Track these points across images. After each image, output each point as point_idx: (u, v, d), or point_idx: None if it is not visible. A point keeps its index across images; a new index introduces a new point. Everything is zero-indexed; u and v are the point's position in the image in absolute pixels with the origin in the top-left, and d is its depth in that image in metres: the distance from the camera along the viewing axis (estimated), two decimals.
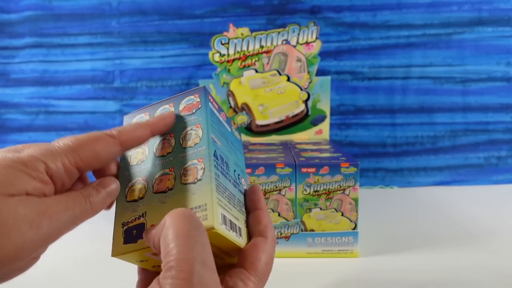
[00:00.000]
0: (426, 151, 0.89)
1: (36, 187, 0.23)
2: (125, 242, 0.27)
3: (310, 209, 0.52)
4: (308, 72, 0.77)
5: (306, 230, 0.53)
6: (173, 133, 0.31)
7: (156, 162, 0.30)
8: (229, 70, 0.77)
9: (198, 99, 0.32)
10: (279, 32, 0.76)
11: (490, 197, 0.79)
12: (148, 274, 0.30)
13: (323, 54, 0.81)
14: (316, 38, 0.76)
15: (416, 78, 0.88)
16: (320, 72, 0.80)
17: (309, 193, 0.52)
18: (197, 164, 0.28)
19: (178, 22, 0.90)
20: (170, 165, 0.29)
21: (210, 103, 0.32)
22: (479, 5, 0.85)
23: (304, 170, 0.51)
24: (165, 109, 0.33)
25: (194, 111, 0.31)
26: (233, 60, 0.76)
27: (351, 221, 0.52)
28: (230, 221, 0.27)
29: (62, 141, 0.26)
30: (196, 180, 0.27)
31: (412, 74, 0.88)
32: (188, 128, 0.30)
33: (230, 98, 0.78)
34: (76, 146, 0.26)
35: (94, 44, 0.91)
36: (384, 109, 0.89)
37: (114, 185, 0.28)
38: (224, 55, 0.76)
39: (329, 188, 0.51)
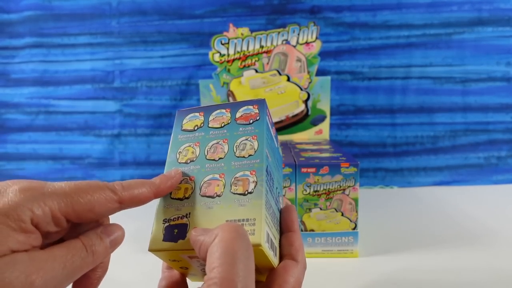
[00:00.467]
0: (426, 151, 0.89)
1: (20, 240, 0.20)
2: (165, 239, 0.27)
3: (310, 209, 0.52)
4: (308, 72, 0.77)
5: (306, 230, 0.52)
6: (226, 139, 0.31)
7: (206, 165, 0.30)
8: (229, 70, 0.77)
9: (257, 111, 0.32)
10: (279, 32, 0.76)
11: (490, 197, 0.79)
12: (174, 274, 0.30)
13: (323, 54, 0.81)
14: (316, 38, 0.76)
15: (416, 78, 0.88)
16: (320, 72, 0.80)
17: (309, 193, 0.52)
18: (249, 177, 0.28)
19: (178, 22, 0.90)
20: (221, 171, 0.29)
21: (267, 117, 0.32)
22: (479, 5, 0.85)
23: (304, 170, 0.51)
24: (221, 113, 0.33)
25: (251, 121, 0.31)
26: (233, 60, 0.76)
27: (351, 221, 0.52)
28: (271, 239, 0.27)
29: (58, 185, 0.23)
30: (246, 192, 0.27)
31: (412, 74, 0.88)
32: (243, 138, 0.30)
33: (230, 98, 0.78)
34: (72, 193, 0.23)
35: (94, 44, 0.91)
36: (384, 109, 0.89)
37: (119, 233, 0.26)
38: (224, 55, 0.76)
39: (329, 188, 0.51)
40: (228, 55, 0.76)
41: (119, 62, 0.91)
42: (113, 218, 0.27)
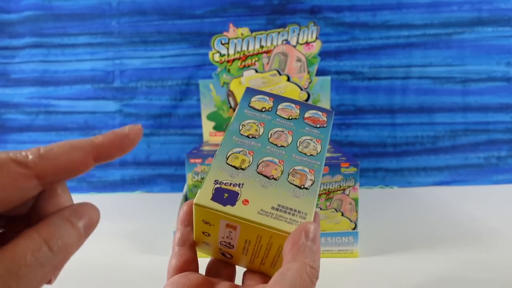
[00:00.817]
0: (426, 151, 0.89)
1: None
2: (214, 199, 0.27)
3: None
4: (308, 72, 0.77)
5: None
6: (292, 131, 0.32)
7: (268, 147, 0.30)
8: (229, 70, 0.77)
9: (325, 118, 0.34)
10: (279, 32, 0.76)
11: (490, 197, 0.79)
12: (185, 252, 0.29)
13: (323, 54, 0.81)
14: (316, 38, 0.76)
15: (416, 78, 0.88)
16: (320, 72, 0.80)
17: None
18: (308, 174, 0.29)
19: (178, 22, 0.90)
20: (281, 158, 0.30)
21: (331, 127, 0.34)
22: (479, 5, 0.85)
23: None
24: (290, 107, 0.34)
25: (318, 126, 0.33)
26: (233, 60, 0.76)
27: (351, 221, 0.52)
28: None
29: None
30: (302, 187, 0.29)
31: (412, 74, 0.88)
32: (308, 137, 0.32)
33: (230, 98, 0.78)
34: None
35: (94, 44, 0.91)
36: (384, 109, 0.89)
37: (93, 213, 0.19)
38: (224, 55, 0.76)
39: (329, 188, 0.51)
40: (228, 55, 0.76)
41: (119, 62, 0.91)
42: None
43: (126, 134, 0.20)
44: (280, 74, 0.77)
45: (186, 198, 0.62)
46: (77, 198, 0.97)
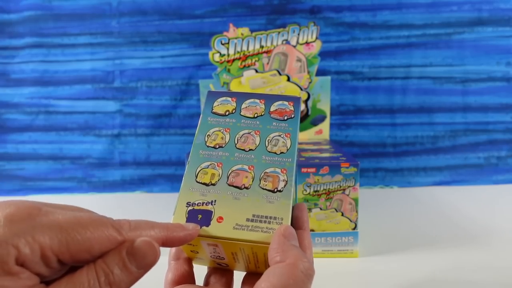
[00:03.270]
0: (426, 151, 0.89)
1: (6, 285, 0.17)
2: (188, 222, 0.27)
3: (310, 209, 0.52)
4: (308, 72, 0.77)
5: None
6: (259, 131, 0.31)
7: (236, 154, 0.30)
8: (229, 70, 0.77)
9: (292, 108, 0.32)
10: (279, 32, 0.76)
11: (490, 197, 0.79)
12: (180, 266, 0.29)
13: (323, 54, 0.81)
14: (316, 38, 0.76)
15: (416, 78, 0.88)
16: (320, 72, 0.80)
17: (309, 193, 0.52)
18: (280, 174, 0.29)
19: (178, 22, 0.90)
20: (251, 163, 0.29)
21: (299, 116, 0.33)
22: (479, 5, 0.85)
23: (304, 170, 0.51)
24: (254, 103, 0.32)
25: (285, 118, 0.32)
26: (233, 60, 0.76)
27: (351, 221, 0.52)
28: None
29: (54, 215, 0.19)
30: (276, 190, 0.28)
31: (412, 74, 0.88)
32: (276, 134, 0.31)
33: None
34: (69, 228, 0.19)
35: (94, 44, 0.91)
36: (384, 109, 0.89)
37: (151, 255, 0.21)
38: (224, 55, 0.76)
39: (329, 188, 0.51)
40: (228, 55, 0.76)
41: (119, 62, 0.91)
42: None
43: (189, 230, 0.25)
44: (280, 74, 0.77)
45: None
46: (77, 198, 0.97)
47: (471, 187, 0.86)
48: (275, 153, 0.30)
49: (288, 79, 0.77)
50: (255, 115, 0.32)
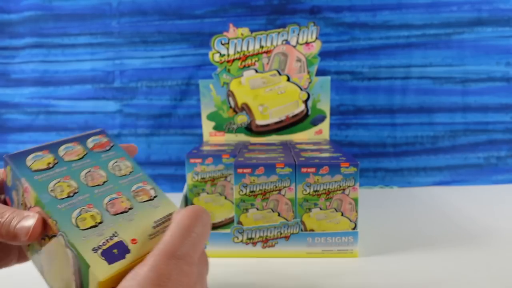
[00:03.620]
0: (426, 151, 0.89)
1: None
2: (110, 261, 0.26)
3: (310, 209, 0.52)
4: (308, 72, 0.77)
5: (306, 230, 0.53)
6: (97, 166, 0.33)
7: (95, 191, 0.30)
8: (229, 70, 0.77)
9: (106, 139, 0.35)
10: (279, 32, 0.76)
11: (490, 197, 0.79)
12: None
13: (323, 54, 0.81)
14: (316, 38, 0.76)
15: (416, 78, 0.88)
16: (320, 72, 0.80)
17: (309, 193, 0.52)
18: (144, 186, 0.32)
19: (178, 22, 0.90)
20: (115, 191, 0.31)
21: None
22: (479, 5, 0.85)
23: (304, 170, 0.51)
24: (70, 147, 0.33)
25: (108, 148, 0.35)
26: (233, 60, 0.76)
27: (351, 221, 0.52)
28: None
29: None
30: (152, 197, 0.31)
31: (412, 74, 0.88)
32: (113, 162, 0.33)
33: (230, 98, 0.78)
34: None
35: (94, 44, 0.91)
36: (384, 109, 0.89)
37: (31, 221, 0.26)
38: (224, 55, 0.76)
39: (329, 188, 0.51)
40: (228, 55, 0.76)
41: (119, 62, 0.91)
42: None
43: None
44: (280, 74, 0.77)
45: (186, 198, 0.62)
46: None
47: (471, 187, 0.86)
48: (126, 175, 0.33)
49: (288, 79, 0.77)
50: (81, 156, 0.33)
